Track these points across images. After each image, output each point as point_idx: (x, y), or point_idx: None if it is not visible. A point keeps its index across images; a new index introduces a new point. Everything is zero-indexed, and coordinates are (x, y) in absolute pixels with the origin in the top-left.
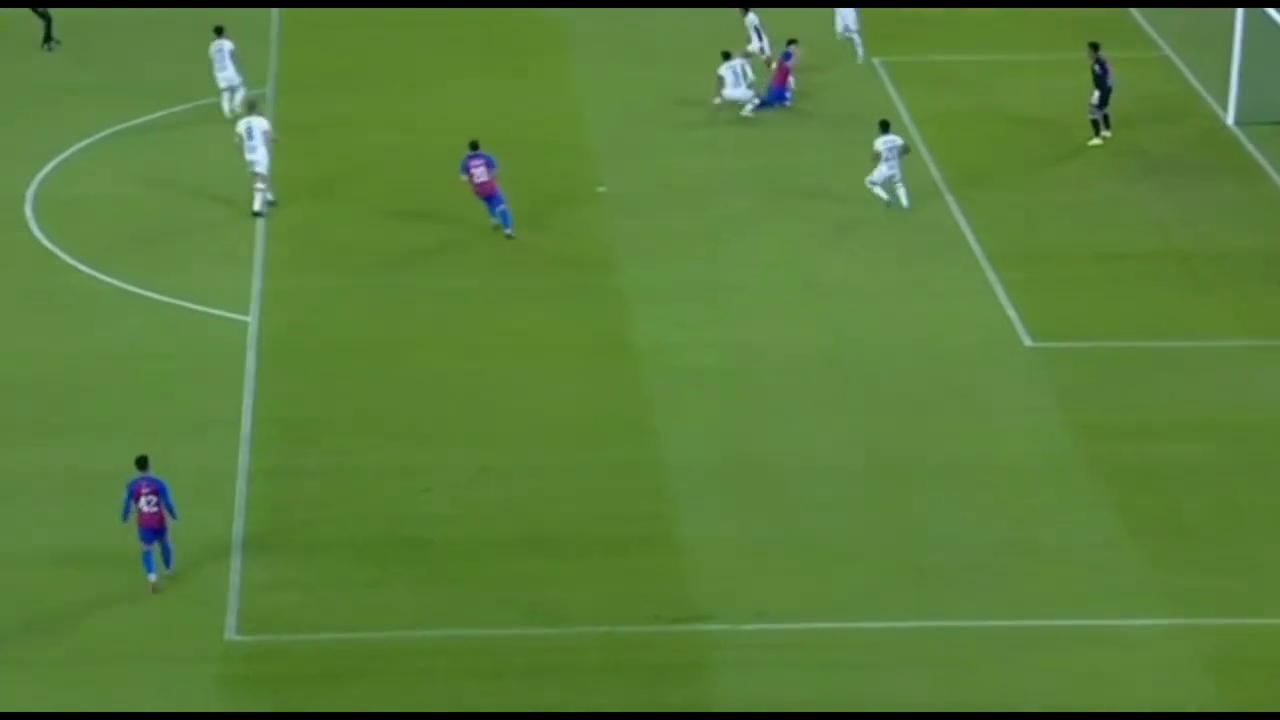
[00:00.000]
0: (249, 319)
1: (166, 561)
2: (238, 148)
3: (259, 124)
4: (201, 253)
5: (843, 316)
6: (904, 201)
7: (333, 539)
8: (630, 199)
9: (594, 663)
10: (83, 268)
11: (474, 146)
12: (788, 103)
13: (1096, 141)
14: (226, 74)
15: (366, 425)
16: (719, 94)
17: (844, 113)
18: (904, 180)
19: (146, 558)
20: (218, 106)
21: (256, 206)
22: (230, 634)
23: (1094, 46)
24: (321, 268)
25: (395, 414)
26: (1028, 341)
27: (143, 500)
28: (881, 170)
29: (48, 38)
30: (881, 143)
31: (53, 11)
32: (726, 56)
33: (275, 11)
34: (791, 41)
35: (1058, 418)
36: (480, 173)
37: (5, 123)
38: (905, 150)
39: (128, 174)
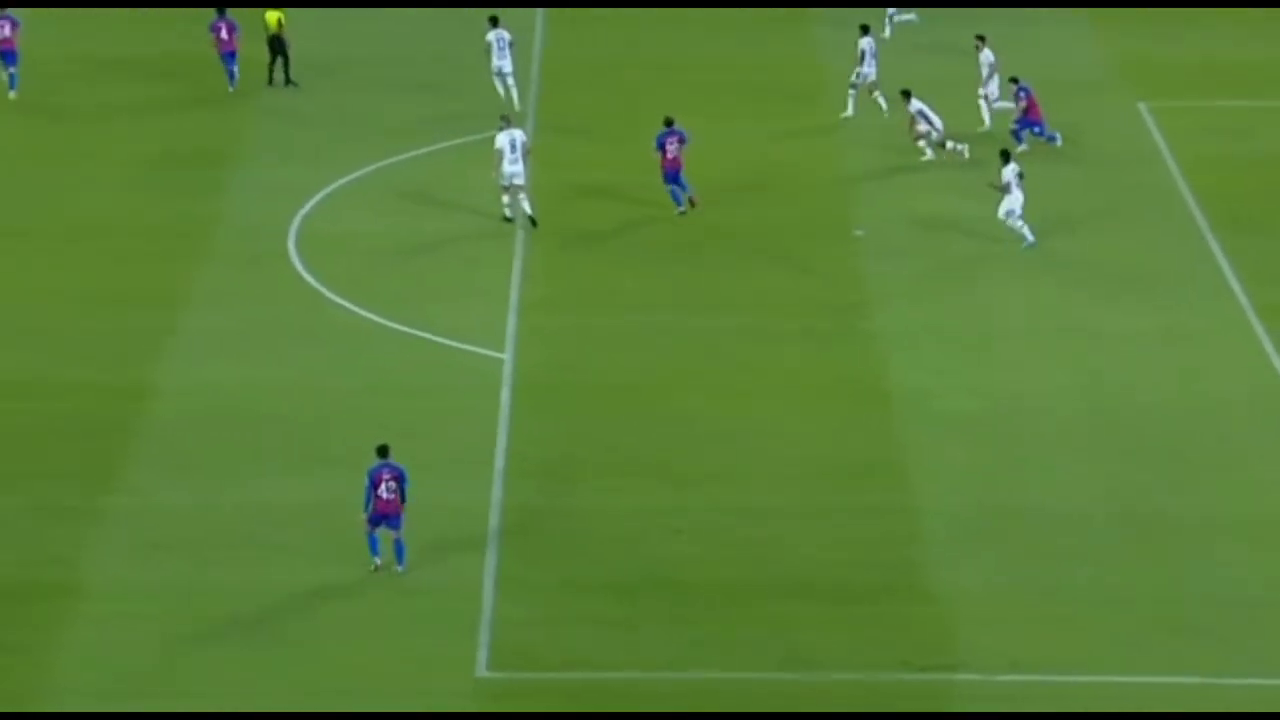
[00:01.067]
0: (505, 356)
1: (399, 558)
2: (496, 163)
3: (520, 137)
4: (459, 289)
5: (1103, 364)
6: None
7: (585, 578)
8: (888, 241)
9: (846, 710)
10: (342, 302)
11: (668, 123)
12: (1057, 141)
13: None
14: (504, 62)
15: (620, 465)
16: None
17: (1108, 156)
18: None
19: (372, 540)
20: (475, 144)
21: (529, 211)
22: (481, 670)
23: None
24: (577, 305)
25: (649, 454)
26: None
27: (383, 486)
28: (1015, 199)
29: (287, 80)
30: (1009, 172)
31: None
32: (906, 96)
33: (535, 63)
34: (1014, 80)
35: None
36: (673, 148)
37: (270, 158)
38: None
39: (387, 209)
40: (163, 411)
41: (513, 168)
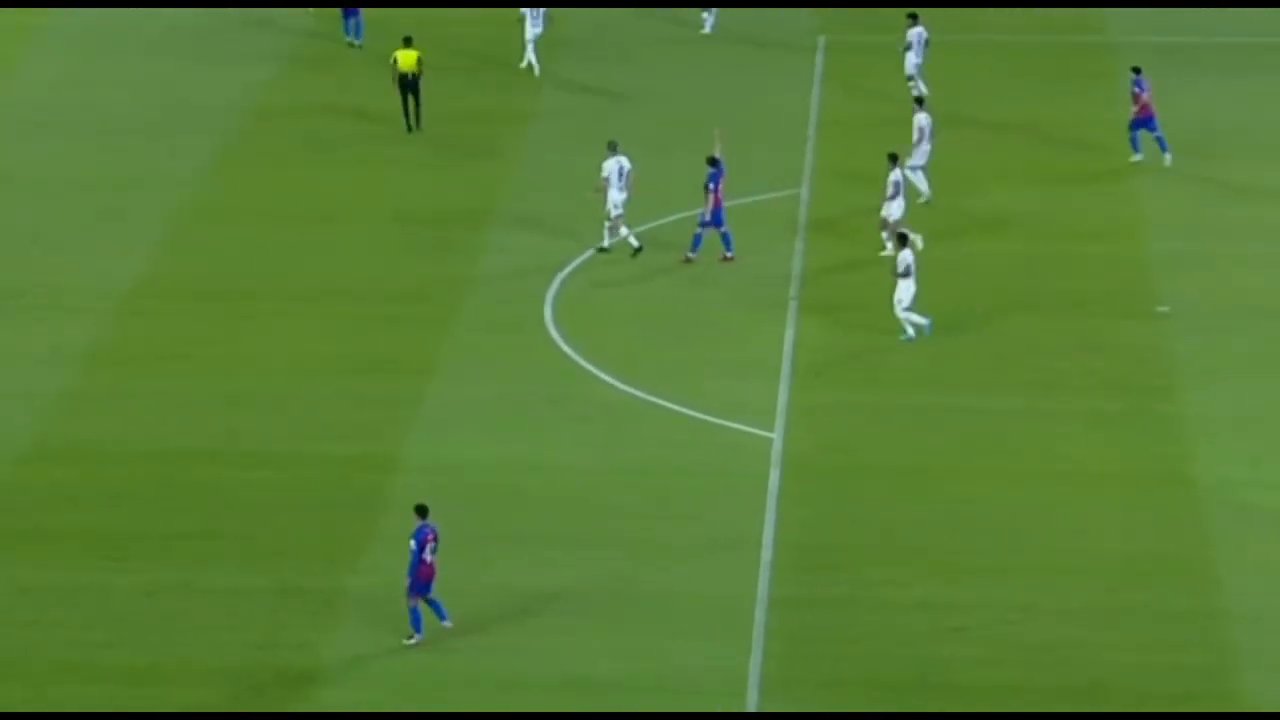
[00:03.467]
0: (773, 435)
1: (442, 615)
2: (601, 189)
3: (626, 164)
4: (724, 362)
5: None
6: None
7: (855, 677)
8: (1194, 318)
9: None
10: (599, 374)
11: (712, 163)
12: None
13: None
14: (613, 194)
15: (895, 555)
16: None
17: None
18: None
19: (415, 613)
20: (749, 205)
21: (632, 242)
22: None
23: None
24: (849, 382)
25: (927, 544)
26: None
27: (428, 549)
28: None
29: (414, 124)
30: (906, 256)
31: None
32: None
33: (813, 117)
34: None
35: None
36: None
37: (521, 225)
38: None
39: (649, 274)
40: (410, 487)
41: (619, 195)
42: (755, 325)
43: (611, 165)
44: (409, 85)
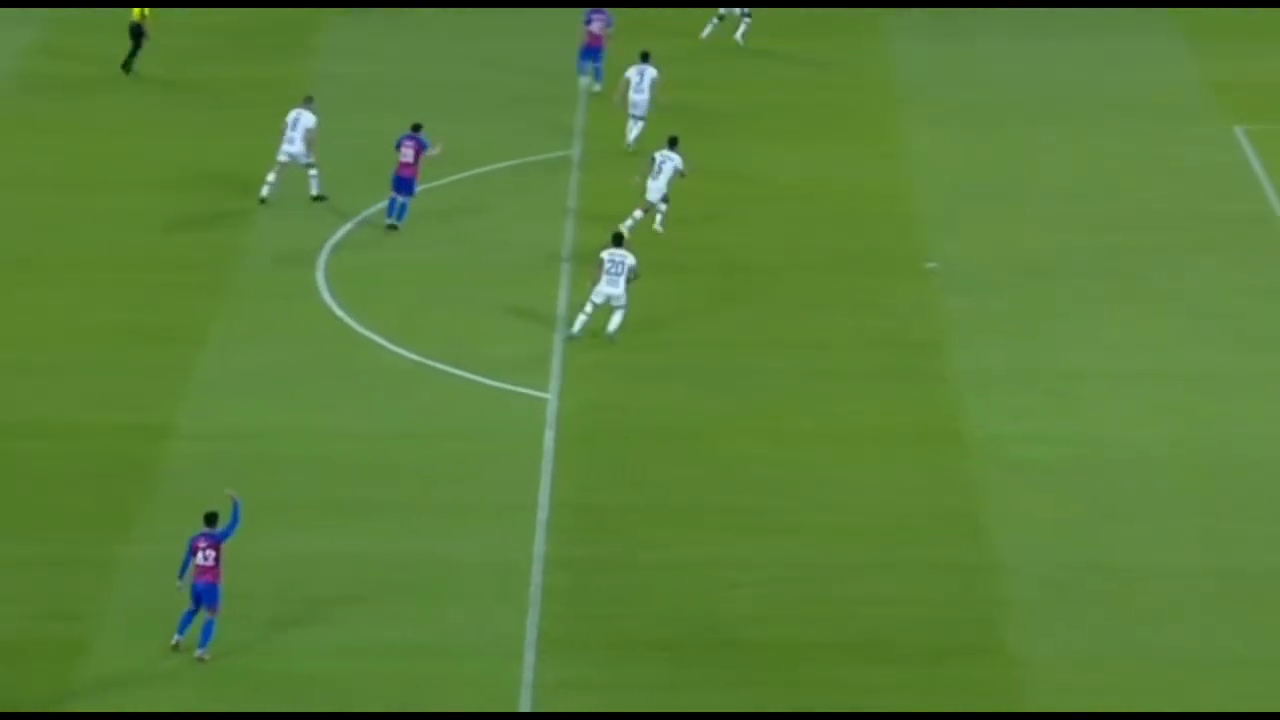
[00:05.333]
0: (548, 396)
1: (203, 641)
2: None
3: (306, 119)
4: (499, 324)
5: (1197, 409)
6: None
7: (633, 637)
8: (962, 276)
9: None
10: (374, 338)
11: (415, 128)
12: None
13: None
14: (291, 148)
15: (672, 515)
16: None
17: (1202, 184)
18: None
19: (186, 617)
20: (519, 169)
21: (264, 192)
22: None
23: None
24: (624, 343)
25: (704, 503)
26: None
27: (199, 555)
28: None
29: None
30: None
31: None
32: None
33: (583, 81)
34: None
35: None
36: (408, 154)
37: (296, 184)
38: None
39: (421, 240)
40: (184, 455)
41: (287, 147)
42: (529, 288)
43: (291, 116)
44: (134, 31)
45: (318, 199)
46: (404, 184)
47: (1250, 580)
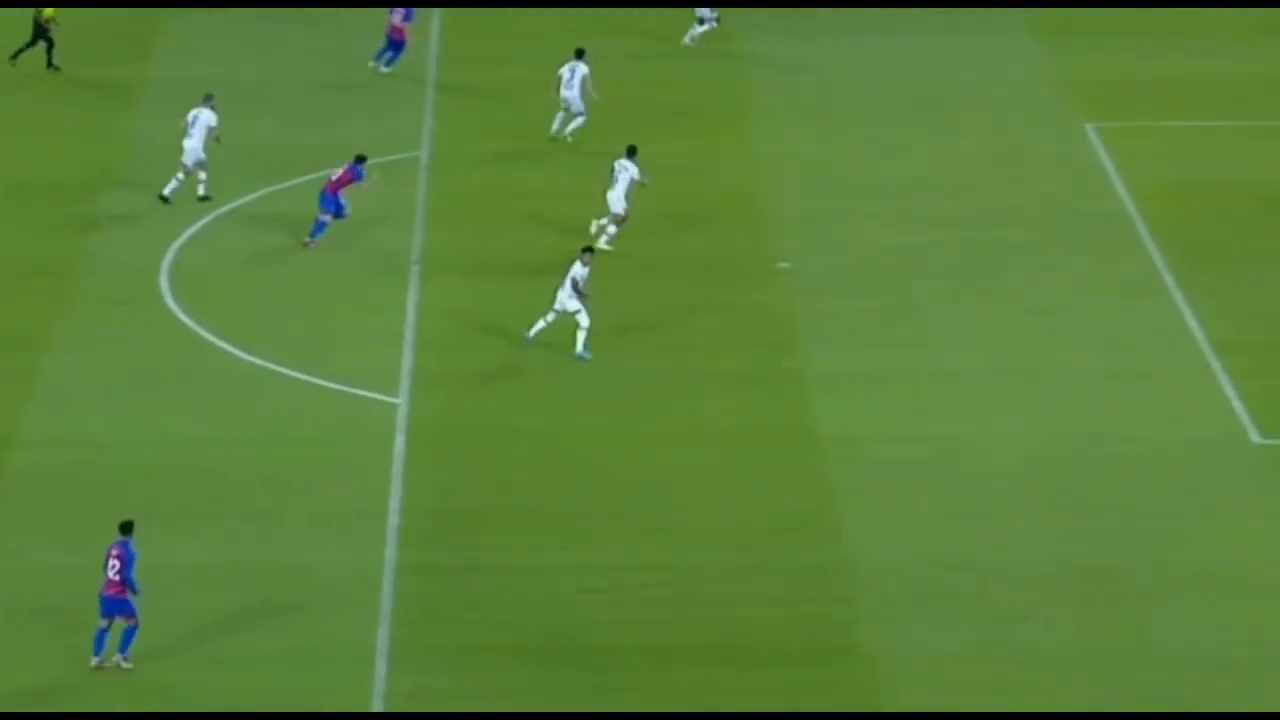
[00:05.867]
0: (399, 401)
1: (123, 646)
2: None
3: (205, 118)
4: (348, 328)
5: (1051, 407)
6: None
7: (488, 645)
8: (816, 276)
9: None
10: (220, 344)
11: (359, 159)
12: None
13: None
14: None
15: (528, 519)
16: None
17: (1053, 183)
18: None
19: (99, 635)
20: (378, 167)
21: (165, 191)
22: None
23: None
24: (478, 345)
25: (560, 507)
26: (1257, 438)
27: (109, 567)
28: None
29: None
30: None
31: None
32: None
33: (432, 75)
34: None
35: None
36: (337, 173)
37: (137, 187)
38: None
39: (268, 243)
40: (22, 465)
41: (185, 143)
42: (378, 291)
43: (190, 115)
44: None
45: (203, 199)
46: (331, 204)
47: (1104, 577)
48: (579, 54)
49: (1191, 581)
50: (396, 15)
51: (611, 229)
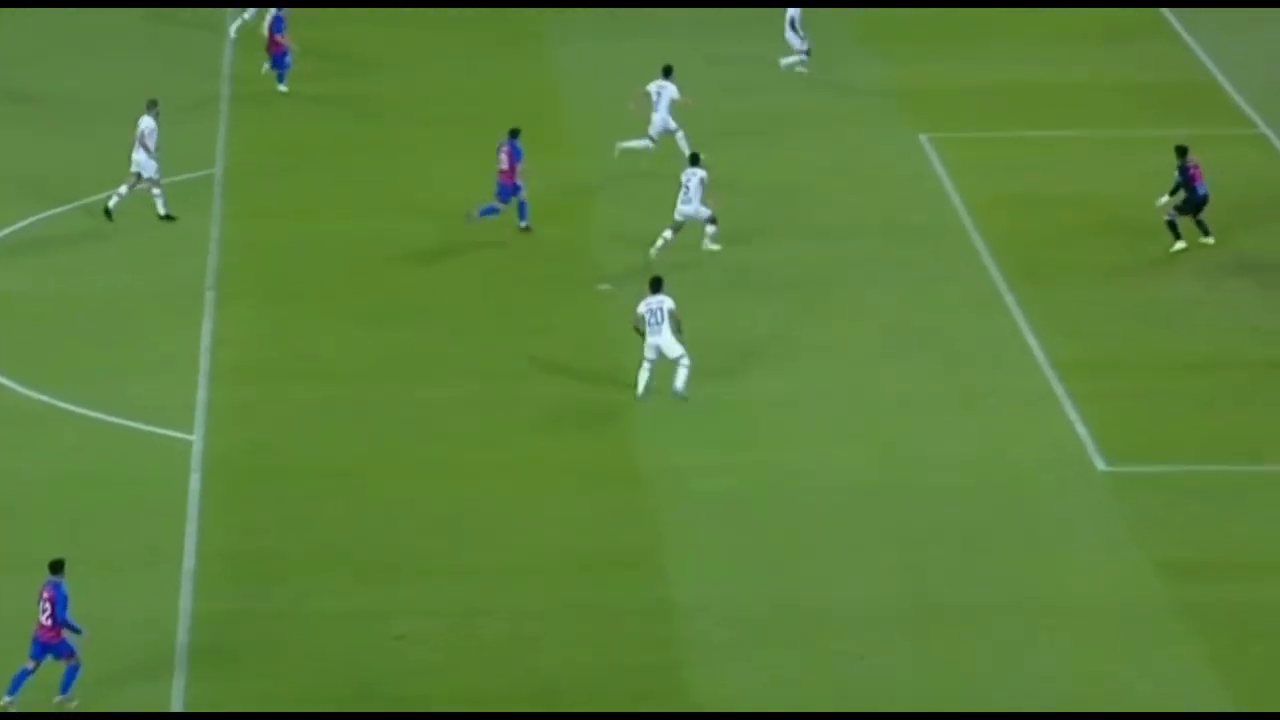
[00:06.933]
0: (193, 438)
1: (64, 687)
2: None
3: (145, 123)
4: (137, 361)
5: (888, 434)
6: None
7: (290, 695)
8: (639, 297)
9: None
10: (3, 380)
11: (512, 133)
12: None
13: (1178, 246)
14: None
15: (332, 561)
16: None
17: (886, 196)
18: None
19: (19, 675)
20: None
21: (110, 203)
22: None
23: (1181, 151)
24: (278, 377)
25: (365, 548)
26: (1101, 465)
27: (40, 608)
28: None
29: None
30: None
31: None
32: None
33: (225, 86)
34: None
35: (1137, 555)
36: (503, 160)
37: None
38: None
39: (49, 270)
40: None
41: (134, 155)
42: (170, 319)
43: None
44: None
45: (166, 219)
46: (505, 192)
47: (940, 614)
48: (666, 72)
49: (1034, 618)
50: (268, 28)
51: (669, 235)
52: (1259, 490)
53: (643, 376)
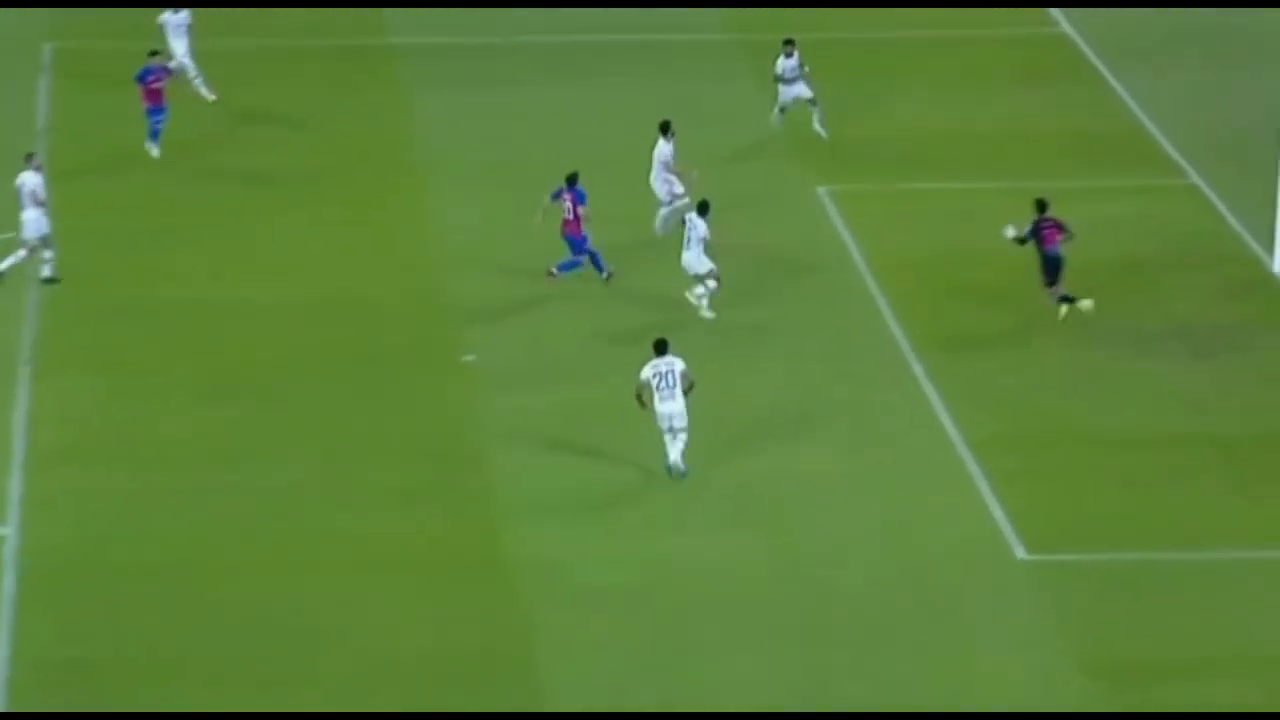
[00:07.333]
0: (6, 531)
1: None
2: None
3: (28, 181)
4: None
5: (783, 519)
6: None
7: None
8: (505, 372)
9: None
10: None
11: (570, 180)
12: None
13: (1085, 304)
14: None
15: (160, 670)
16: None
17: (783, 256)
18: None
19: None
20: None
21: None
22: None
23: (1040, 205)
24: (103, 461)
25: (198, 655)
26: (1021, 553)
27: None
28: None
29: None
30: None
31: None
32: None
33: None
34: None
35: (1061, 653)
36: (568, 209)
37: None
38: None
39: None
40: None
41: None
42: None
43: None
44: None
45: (49, 281)
46: (577, 244)
47: None
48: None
49: None
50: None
51: (711, 285)
52: (1195, 581)
53: (670, 445)
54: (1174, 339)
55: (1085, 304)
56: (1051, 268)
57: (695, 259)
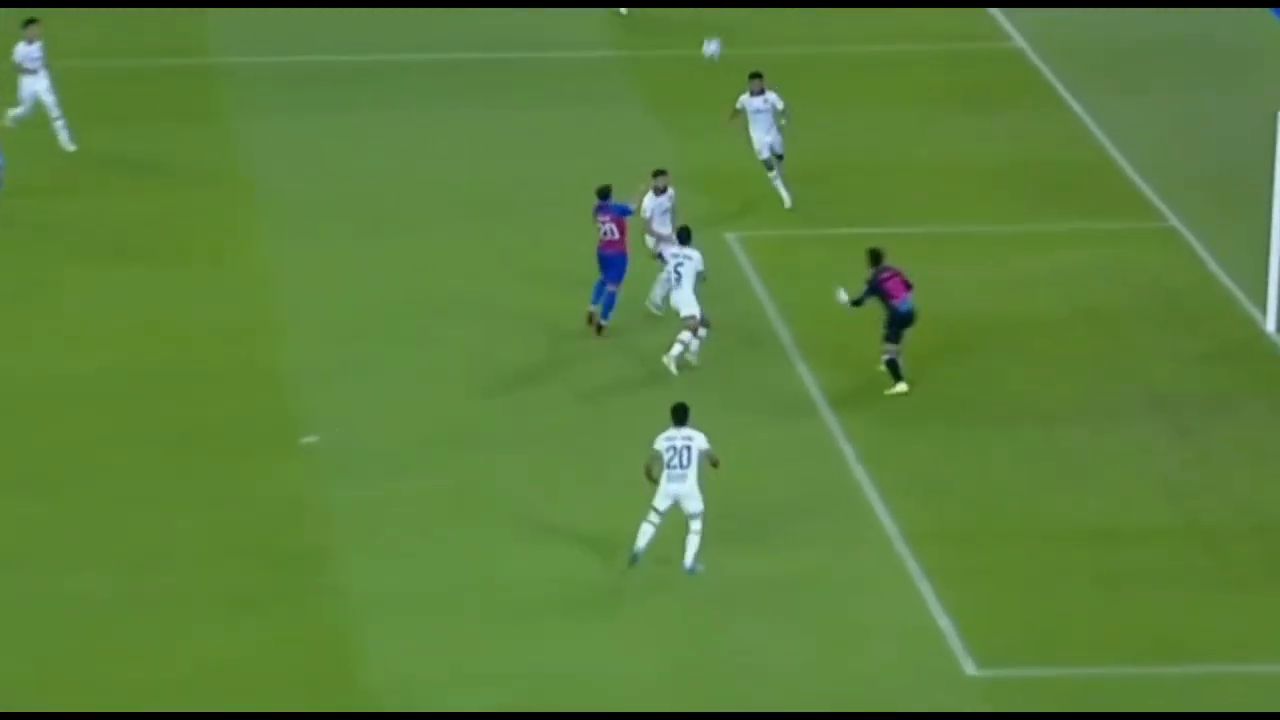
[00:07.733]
0: None
1: None
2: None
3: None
4: None
5: (691, 628)
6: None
7: None
8: (352, 455)
9: None
10: None
11: (602, 194)
12: None
13: (899, 389)
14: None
15: None
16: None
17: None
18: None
19: None
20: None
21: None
22: None
23: (874, 256)
24: None
25: None
26: (971, 669)
27: None
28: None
29: None
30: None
31: None
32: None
33: None
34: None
35: None
36: (609, 228)
37: None
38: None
39: None
40: None
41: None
42: None
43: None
44: None
45: None
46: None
47: None
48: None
49: None
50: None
51: (698, 333)
52: (1174, 698)
53: (644, 536)
54: (1150, 411)
55: (901, 388)
56: (903, 324)
57: (686, 297)
